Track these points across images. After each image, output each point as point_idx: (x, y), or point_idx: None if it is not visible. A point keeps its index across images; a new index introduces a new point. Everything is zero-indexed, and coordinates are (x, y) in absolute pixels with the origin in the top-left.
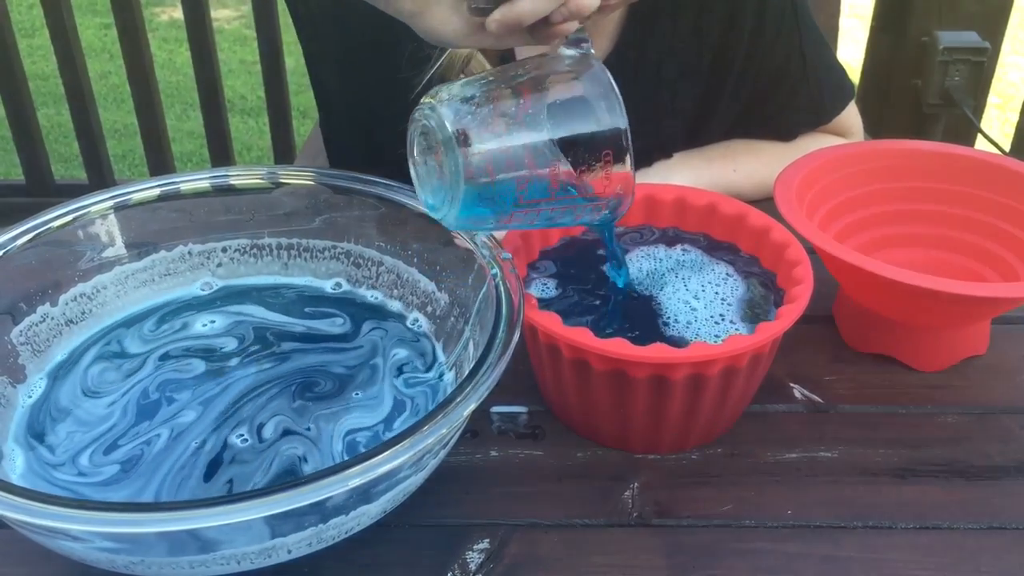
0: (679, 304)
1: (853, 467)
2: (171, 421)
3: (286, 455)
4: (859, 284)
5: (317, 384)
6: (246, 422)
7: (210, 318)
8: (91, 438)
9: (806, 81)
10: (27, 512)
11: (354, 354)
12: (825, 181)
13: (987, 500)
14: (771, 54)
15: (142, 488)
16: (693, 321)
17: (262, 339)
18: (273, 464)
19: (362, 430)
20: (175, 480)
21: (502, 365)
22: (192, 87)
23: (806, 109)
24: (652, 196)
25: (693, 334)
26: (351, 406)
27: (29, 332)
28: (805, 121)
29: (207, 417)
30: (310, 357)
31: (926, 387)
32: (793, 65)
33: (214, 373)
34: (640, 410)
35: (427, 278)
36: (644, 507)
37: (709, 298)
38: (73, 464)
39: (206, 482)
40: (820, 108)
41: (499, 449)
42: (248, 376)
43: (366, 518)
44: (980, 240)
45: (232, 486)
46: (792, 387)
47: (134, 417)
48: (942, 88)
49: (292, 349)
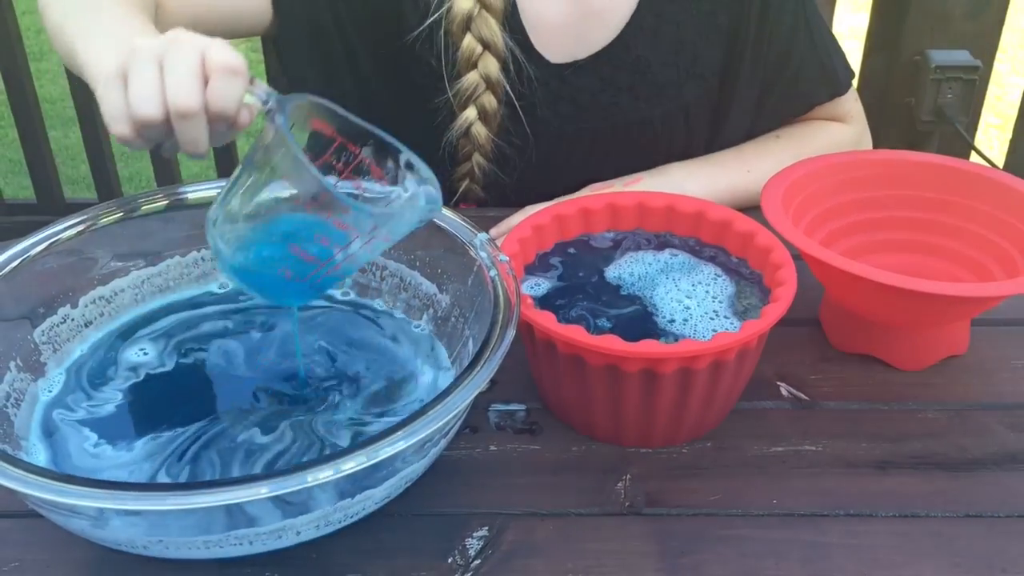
0: (673, 304)
1: (836, 460)
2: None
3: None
4: (843, 287)
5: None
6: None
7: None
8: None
9: (814, 48)
10: (52, 491)
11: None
12: (810, 190)
13: (964, 490)
14: (780, 18)
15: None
16: (689, 319)
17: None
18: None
19: None
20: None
21: (499, 358)
22: None
23: (819, 79)
24: (643, 203)
25: (691, 330)
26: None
27: (51, 332)
28: (819, 93)
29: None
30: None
31: (907, 385)
32: (800, 31)
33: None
34: (632, 404)
35: (429, 281)
36: (636, 497)
37: (701, 297)
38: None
39: None
40: (832, 77)
41: (498, 444)
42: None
43: (371, 503)
44: (958, 245)
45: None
46: (779, 385)
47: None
48: (935, 105)
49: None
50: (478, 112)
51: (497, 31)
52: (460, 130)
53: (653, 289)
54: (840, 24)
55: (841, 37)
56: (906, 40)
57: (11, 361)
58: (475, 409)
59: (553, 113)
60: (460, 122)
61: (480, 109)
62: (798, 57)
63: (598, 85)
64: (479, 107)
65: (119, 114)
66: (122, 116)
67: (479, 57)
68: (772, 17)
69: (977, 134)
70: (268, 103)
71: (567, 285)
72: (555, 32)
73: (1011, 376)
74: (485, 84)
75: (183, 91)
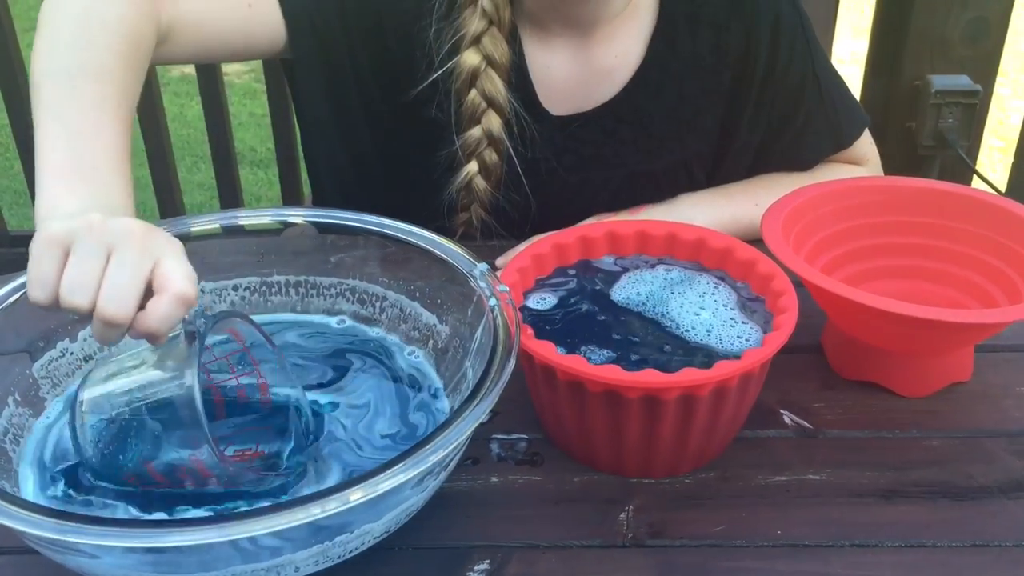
0: (688, 316)
1: (841, 489)
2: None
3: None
4: (845, 314)
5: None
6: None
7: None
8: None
9: (821, 103)
10: (43, 528)
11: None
12: (811, 217)
13: (970, 519)
14: (787, 75)
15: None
16: (712, 328)
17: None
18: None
19: None
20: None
21: (498, 389)
22: (203, 140)
23: (824, 133)
24: (644, 232)
25: (716, 340)
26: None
27: (50, 367)
28: (824, 146)
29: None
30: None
31: (911, 412)
32: (808, 88)
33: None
34: (634, 433)
35: (429, 311)
36: (639, 528)
37: (712, 306)
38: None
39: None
40: (838, 132)
41: (499, 475)
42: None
43: (370, 537)
44: (960, 271)
45: None
46: (782, 413)
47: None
48: (936, 130)
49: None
50: (479, 166)
51: (501, 88)
52: (461, 182)
53: (667, 305)
54: (841, 49)
55: (841, 62)
56: (906, 65)
57: (10, 396)
58: (476, 440)
59: (556, 164)
60: (461, 175)
61: (481, 163)
62: (804, 112)
63: (601, 138)
64: (480, 161)
65: (46, 283)
66: (48, 287)
67: (483, 113)
68: (778, 75)
69: (980, 157)
70: (193, 323)
71: (574, 303)
72: (561, 88)
73: (1016, 403)
74: (487, 140)
75: (117, 302)
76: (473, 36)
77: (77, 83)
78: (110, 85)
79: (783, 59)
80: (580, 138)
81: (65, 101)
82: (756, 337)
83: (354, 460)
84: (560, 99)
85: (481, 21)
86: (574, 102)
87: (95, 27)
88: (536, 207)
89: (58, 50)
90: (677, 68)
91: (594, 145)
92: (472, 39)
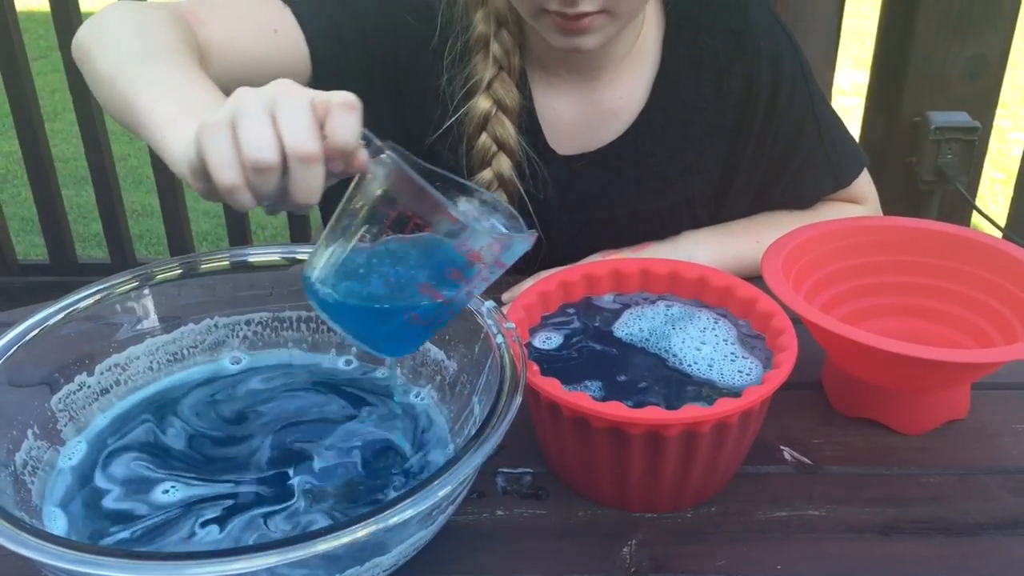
0: (689, 351)
1: (839, 524)
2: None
3: None
4: (844, 352)
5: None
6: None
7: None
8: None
9: (821, 143)
10: (77, 562)
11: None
12: (810, 256)
13: (967, 556)
14: (787, 115)
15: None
16: (714, 363)
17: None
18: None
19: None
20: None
21: (505, 425)
22: None
23: (824, 172)
24: (647, 269)
25: (717, 374)
26: None
27: (67, 400)
28: (824, 185)
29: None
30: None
31: (909, 449)
32: (808, 127)
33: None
34: (637, 468)
35: (436, 347)
36: (641, 562)
37: (712, 341)
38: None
39: None
40: (837, 171)
41: (504, 508)
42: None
43: (380, 569)
44: (957, 310)
45: None
46: (782, 449)
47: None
48: (935, 165)
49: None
50: None
51: (512, 132)
52: None
53: (669, 341)
54: (842, 80)
55: (842, 93)
56: (906, 101)
57: (29, 429)
58: (482, 474)
59: (562, 203)
60: None
61: None
62: (804, 151)
63: (606, 176)
64: None
65: (228, 160)
66: (231, 163)
67: (493, 155)
68: (779, 115)
69: (981, 189)
70: (370, 143)
71: (577, 341)
72: (568, 129)
73: (1012, 440)
74: (498, 182)
75: (303, 135)
76: (484, 82)
77: (157, 58)
78: (183, 56)
79: (783, 99)
80: (586, 177)
81: (150, 72)
82: (757, 372)
83: None
84: (566, 139)
85: (492, 67)
86: (580, 142)
87: (152, 32)
88: (543, 244)
89: (123, 42)
90: (680, 110)
91: (599, 184)
92: (484, 85)
